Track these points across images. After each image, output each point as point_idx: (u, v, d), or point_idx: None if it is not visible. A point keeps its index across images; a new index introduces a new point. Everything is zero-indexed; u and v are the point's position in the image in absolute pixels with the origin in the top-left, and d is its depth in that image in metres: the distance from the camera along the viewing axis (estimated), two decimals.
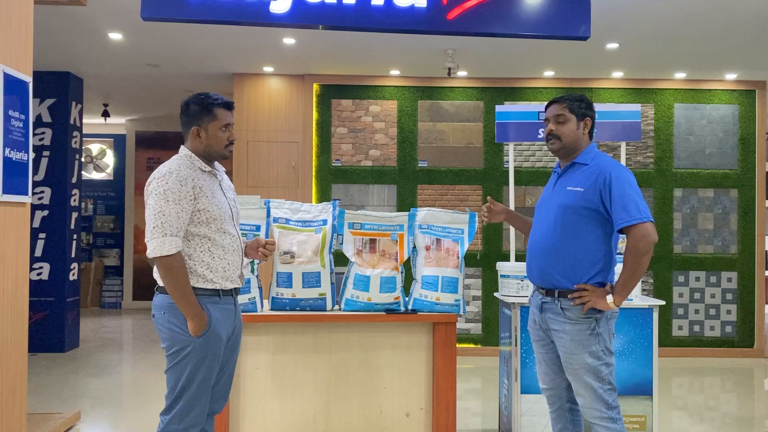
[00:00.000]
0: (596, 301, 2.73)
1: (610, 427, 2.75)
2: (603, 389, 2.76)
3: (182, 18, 3.82)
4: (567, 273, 2.79)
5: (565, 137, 2.87)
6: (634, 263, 2.69)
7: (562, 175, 2.92)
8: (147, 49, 6.22)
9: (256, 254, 2.90)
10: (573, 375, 2.81)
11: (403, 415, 3.46)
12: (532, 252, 2.94)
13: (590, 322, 2.77)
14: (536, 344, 3.00)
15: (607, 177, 2.74)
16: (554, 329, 2.84)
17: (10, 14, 3.37)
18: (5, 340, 3.32)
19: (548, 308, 2.86)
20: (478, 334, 7.08)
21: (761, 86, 7.23)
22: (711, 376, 6.52)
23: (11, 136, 3.37)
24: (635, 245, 2.68)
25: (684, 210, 7.20)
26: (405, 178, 7.12)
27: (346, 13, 3.83)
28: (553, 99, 2.97)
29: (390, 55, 6.40)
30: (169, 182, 2.55)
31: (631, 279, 2.72)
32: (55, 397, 5.24)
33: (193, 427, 2.63)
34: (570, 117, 2.87)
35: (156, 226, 2.52)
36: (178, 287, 2.53)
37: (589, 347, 2.76)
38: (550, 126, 2.91)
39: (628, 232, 2.71)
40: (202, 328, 2.58)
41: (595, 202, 2.76)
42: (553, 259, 2.82)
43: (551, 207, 2.88)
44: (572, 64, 6.65)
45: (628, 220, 2.68)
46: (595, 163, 2.84)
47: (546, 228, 2.87)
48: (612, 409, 2.77)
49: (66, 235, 7.09)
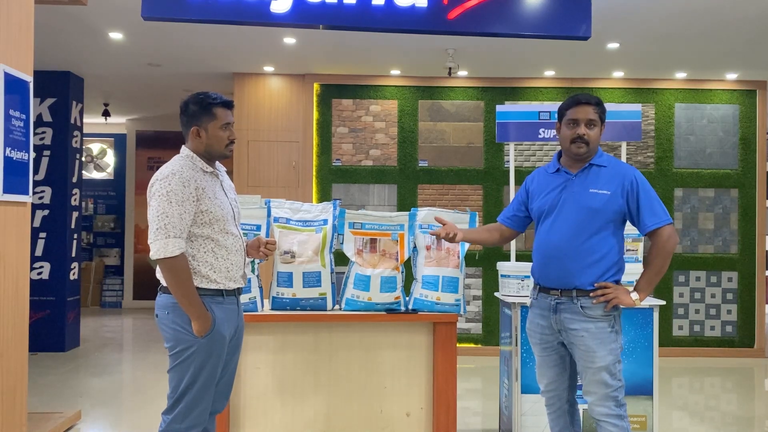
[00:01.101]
0: (621, 298, 2.78)
1: (618, 425, 2.76)
2: (615, 387, 2.79)
3: (183, 18, 3.81)
4: (589, 273, 2.80)
5: (593, 143, 2.87)
6: (662, 262, 2.81)
7: (578, 177, 2.89)
8: (148, 48, 6.22)
9: (257, 254, 2.92)
10: (590, 373, 2.80)
11: (404, 415, 3.46)
12: (548, 254, 2.87)
13: (610, 319, 2.81)
14: (537, 347, 2.99)
15: (634, 180, 2.83)
16: (573, 329, 2.82)
17: (10, 14, 3.37)
18: (5, 339, 3.32)
19: (565, 308, 2.84)
20: (478, 333, 7.08)
21: (762, 86, 7.23)
22: (711, 376, 6.52)
23: (12, 135, 3.37)
24: (664, 246, 2.78)
25: (684, 210, 7.20)
26: (405, 177, 7.12)
27: (346, 12, 3.82)
28: (582, 99, 2.87)
29: (390, 55, 6.40)
30: (172, 184, 2.55)
31: (656, 276, 2.83)
32: (55, 397, 5.24)
33: (194, 426, 2.63)
34: (598, 122, 2.88)
35: (159, 228, 2.52)
36: (182, 288, 2.54)
37: (610, 344, 2.79)
38: (584, 129, 2.83)
39: (655, 233, 2.80)
40: (207, 329, 2.58)
41: (622, 204, 2.83)
42: (576, 260, 2.80)
43: (571, 209, 2.84)
44: (573, 64, 6.65)
45: (657, 223, 2.79)
46: (613, 166, 2.88)
47: (568, 230, 2.83)
48: (620, 406, 2.79)
49: (66, 234, 7.09)
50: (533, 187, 3.04)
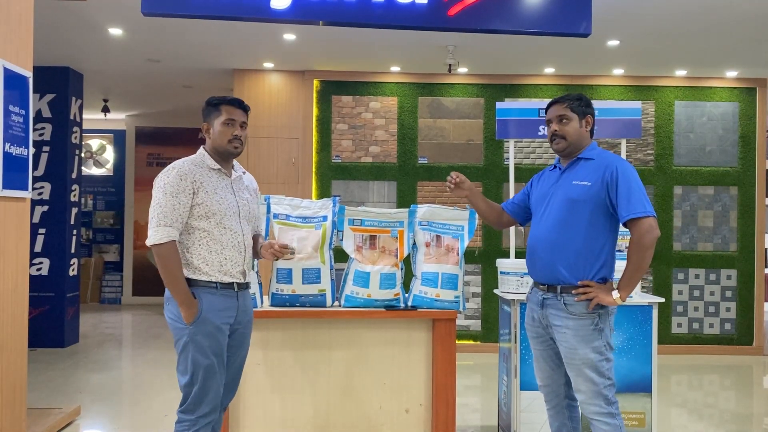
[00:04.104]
0: (602, 297, 2.75)
1: (609, 423, 2.76)
2: (603, 385, 2.78)
3: (183, 13, 3.81)
4: (572, 267, 2.80)
5: (569, 136, 2.89)
6: (639, 257, 2.73)
7: (565, 171, 2.93)
8: (147, 44, 6.21)
9: (268, 254, 2.94)
10: (574, 370, 2.81)
11: (403, 411, 3.47)
12: (535, 247, 2.92)
13: (593, 317, 2.79)
14: (534, 341, 3.01)
15: (614, 171, 2.78)
16: (556, 325, 2.84)
17: (10, 9, 3.37)
18: (5, 335, 3.32)
19: (550, 304, 2.86)
20: (477, 330, 7.08)
21: (762, 84, 7.23)
22: (710, 373, 6.53)
23: (11, 131, 3.37)
24: (640, 239, 2.71)
25: (684, 207, 7.20)
26: (405, 174, 7.11)
27: (346, 8, 3.82)
28: (553, 100, 2.98)
29: (390, 52, 6.39)
30: (169, 176, 2.68)
31: (636, 273, 2.75)
32: (54, 393, 5.24)
33: (205, 416, 2.67)
34: (572, 116, 2.90)
35: (153, 217, 2.66)
36: (168, 275, 2.64)
37: (592, 342, 2.78)
38: (554, 126, 2.91)
39: (632, 225, 2.73)
40: (193, 315, 2.64)
41: (602, 195, 2.79)
42: (558, 253, 2.82)
43: (555, 202, 2.88)
44: (573, 61, 6.65)
45: (633, 213, 2.71)
46: (601, 158, 2.87)
47: (551, 222, 2.86)
48: (611, 404, 2.78)
49: (66, 230, 7.09)
50: (536, 183, 3.10)
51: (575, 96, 2.93)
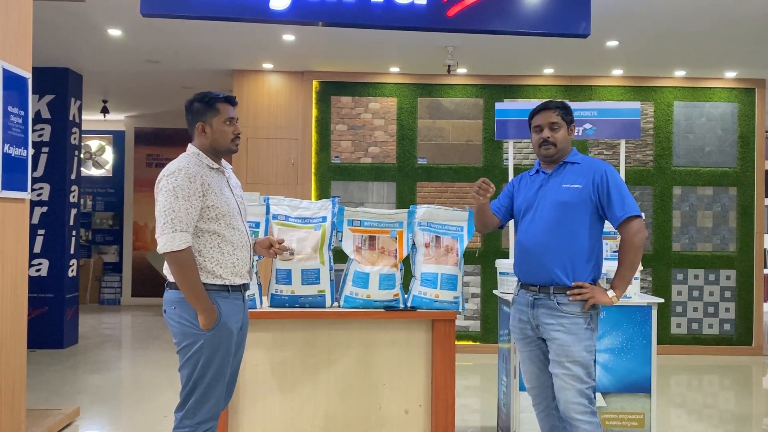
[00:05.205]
0: (598, 297, 2.81)
1: (591, 421, 2.79)
2: (588, 385, 2.81)
3: (182, 14, 3.81)
4: (566, 268, 2.84)
5: (559, 143, 2.98)
6: (632, 257, 2.83)
7: (552, 175, 2.98)
8: (146, 45, 6.21)
9: (267, 252, 2.94)
10: (563, 369, 2.81)
11: (402, 412, 3.46)
12: (527, 249, 2.95)
13: (586, 316, 2.84)
14: (520, 343, 3.03)
15: (604, 174, 2.89)
16: (548, 323, 2.86)
17: (9, 10, 3.37)
18: (4, 336, 3.32)
19: (542, 304, 2.88)
20: (477, 331, 7.08)
21: (761, 84, 7.23)
22: (709, 373, 6.53)
23: (10, 132, 3.37)
24: (631, 239, 2.82)
25: (683, 208, 7.21)
26: (404, 175, 7.12)
27: (346, 9, 3.82)
28: (542, 106, 3.04)
29: (390, 52, 6.39)
30: (178, 179, 2.58)
31: (629, 272, 2.84)
32: (54, 394, 5.24)
33: (206, 421, 2.65)
34: (562, 124, 2.99)
35: (166, 222, 2.55)
36: (188, 281, 2.56)
37: (585, 341, 2.82)
38: (547, 133, 2.97)
39: (626, 224, 2.83)
40: (213, 321, 2.60)
41: (593, 197, 2.88)
42: (553, 255, 2.85)
43: (546, 205, 2.93)
44: (572, 62, 6.65)
45: (629, 212, 2.81)
46: (586, 162, 2.98)
47: (543, 225, 2.91)
48: (593, 403, 2.82)
49: (65, 231, 7.09)
50: (518, 186, 3.16)
51: (561, 104, 3.03)
